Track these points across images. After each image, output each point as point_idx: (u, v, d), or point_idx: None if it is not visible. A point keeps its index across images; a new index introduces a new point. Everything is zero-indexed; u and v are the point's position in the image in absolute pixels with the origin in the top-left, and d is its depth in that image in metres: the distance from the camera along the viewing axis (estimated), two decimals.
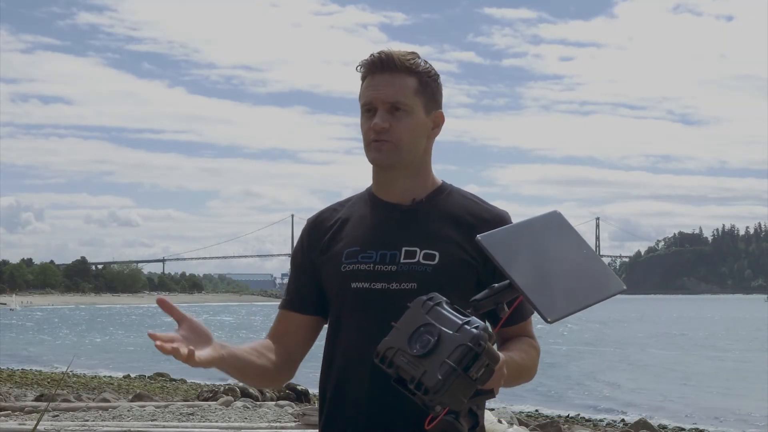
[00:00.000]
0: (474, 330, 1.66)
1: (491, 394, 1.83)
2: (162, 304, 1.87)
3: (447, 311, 1.70)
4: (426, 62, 2.17)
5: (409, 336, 1.70)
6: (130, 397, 14.47)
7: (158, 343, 1.76)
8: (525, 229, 1.87)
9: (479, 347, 1.65)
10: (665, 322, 67.62)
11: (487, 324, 1.76)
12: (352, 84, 2.20)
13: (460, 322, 1.68)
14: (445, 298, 1.74)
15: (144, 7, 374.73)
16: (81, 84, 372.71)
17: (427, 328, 1.69)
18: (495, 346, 2.21)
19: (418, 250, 2.11)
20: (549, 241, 1.86)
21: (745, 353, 35.66)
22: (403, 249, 2.11)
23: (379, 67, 2.13)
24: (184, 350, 1.78)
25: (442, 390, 1.64)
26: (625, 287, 1.89)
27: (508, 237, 1.83)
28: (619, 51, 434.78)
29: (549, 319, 1.73)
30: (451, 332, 1.66)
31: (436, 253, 2.10)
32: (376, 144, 2.12)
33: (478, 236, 1.80)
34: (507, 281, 1.76)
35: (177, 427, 9.77)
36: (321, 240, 2.21)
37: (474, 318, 1.69)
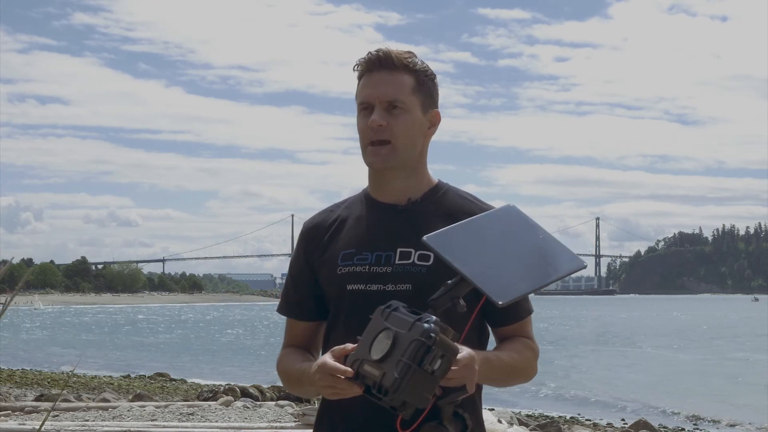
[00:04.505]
0: (425, 325, 1.71)
1: (464, 390, 1.84)
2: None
3: (402, 314, 1.76)
4: (422, 61, 2.18)
5: (369, 344, 1.76)
6: (130, 397, 14.47)
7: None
8: (474, 224, 1.92)
9: (430, 339, 1.69)
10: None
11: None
12: (348, 84, 2.21)
13: (412, 320, 1.73)
14: (402, 303, 1.80)
15: (138, 7, 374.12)
16: (78, 84, 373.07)
17: (385, 333, 1.75)
18: (495, 344, 2.22)
19: (413, 251, 2.11)
20: (500, 231, 1.91)
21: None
22: (398, 250, 2.12)
23: (376, 65, 2.13)
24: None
25: (400, 388, 1.69)
26: (585, 265, 1.94)
27: (456, 234, 1.88)
28: (614, 51, 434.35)
29: (500, 303, 1.77)
30: (404, 332, 1.72)
31: (431, 254, 2.09)
32: (373, 149, 2.12)
33: (424, 237, 1.86)
34: (458, 276, 1.80)
35: (177, 427, 9.77)
36: (320, 242, 2.22)
37: (426, 314, 1.74)
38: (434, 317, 1.73)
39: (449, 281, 1.82)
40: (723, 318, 75.94)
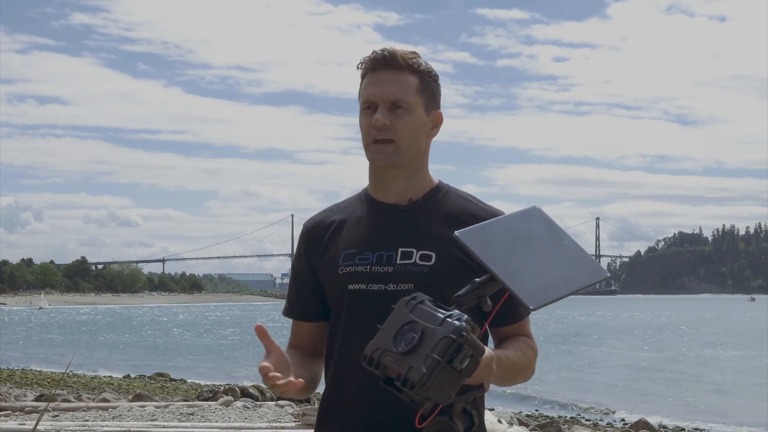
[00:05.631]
0: (456, 322, 1.68)
1: (481, 389, 1.84)
2: (259, 331, 1.95)
3: (430, 308, 1.72)
4: (426, 63, 2.18)
5: (393, 335, 1.72)
6: (130, 397, 14.48)
7: (271, 374, 1.87)
8: (503, 224, 1.90)
9: (462, 338, 1.66)
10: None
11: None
12: (347, 84, 2.22)
13: (442, 316, 1.70)
14: (427, 296, 1.76)
15: (137, 8, 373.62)
16: (77, 84, 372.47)
17: (411, 326, 1.71)
18: (490, 343, 2.23)
19: (414, 250, 2.11)
20: (528, 233, 1.88)
21: None
22: (400, 250, 2.12)
23: (381, 64, 2.13)
24: (300, 382, 1.93)
25: (427, 383, 1.65)
26: (608, 275, 1.93)
27: (487, 232, 1.86)
28: (612, 52, 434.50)
29: (531, 307, 1.75)
30: (433, 327, 1.69)
31: (433, 254, 2.10)
32: (376, 146, 2.12)
33: (456, 232, 1.83)
34: (488, 275, 1.78)
35: (177, 427, 9.77)
36: (320, 242, 2.22)
37: (456, 311, 1.71)
38: (465, 315, 1.71)
39: (476, 279, 1.80)
40: (707, 317, 76.50)
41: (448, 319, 1.69)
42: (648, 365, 29.37)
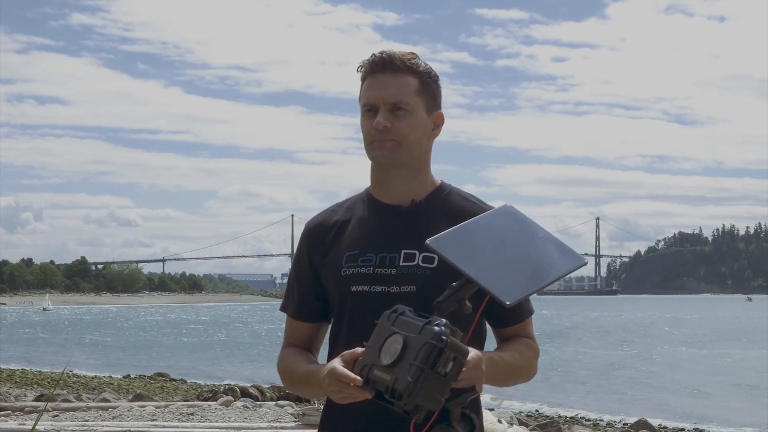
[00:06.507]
0: (435, 328, 1.71)
1: (473, 391, 1.85)
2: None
3: (410, 318, 1.76)
4: (426, 63, 2.18)
5: (378, 349, 1.77)
6: (130, 397, 14.48)
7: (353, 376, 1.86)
8: (475, 226, 1.94)
9: (442, 342, 1.70)
10: None
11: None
12: (347, 84, 2.24)
13: (421, 323, 1.73)
14: (408, 307, 1.80)
15: (136, 8, 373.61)
16: (76, 84, 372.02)
17: (394, 338, 1.76)
18: (497, 345, 2.23)
19: (417, 252, 2.11)
20: (501, 231, 1.93)
21: None
22: (403, 252, 2.12)
23: (380, 67, 2.14)
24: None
25: (414, 392, 1.69)
26: (585, 262, 1.95)
27: (458, 236, 1.90)
28: (612, 52, 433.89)
29: (508, 303, 1.78)
30: (414, 335, 1.73)
31: (435, 256, 2.09)
32: (378, 143, 2.13)
33: (427, 240, 1.88)
34: (463, 278, 1.81)
35: (177, 427, 9.77)
36: (322, 243, 2.22)
37: (435, 317, 1.75)
38: (444, 320, 1.73)
39: (454, 283, 1.83)
40: (696, 317, 76.68)
41: (427, 326, 1.72)
42: (621, 364, 29.51)
